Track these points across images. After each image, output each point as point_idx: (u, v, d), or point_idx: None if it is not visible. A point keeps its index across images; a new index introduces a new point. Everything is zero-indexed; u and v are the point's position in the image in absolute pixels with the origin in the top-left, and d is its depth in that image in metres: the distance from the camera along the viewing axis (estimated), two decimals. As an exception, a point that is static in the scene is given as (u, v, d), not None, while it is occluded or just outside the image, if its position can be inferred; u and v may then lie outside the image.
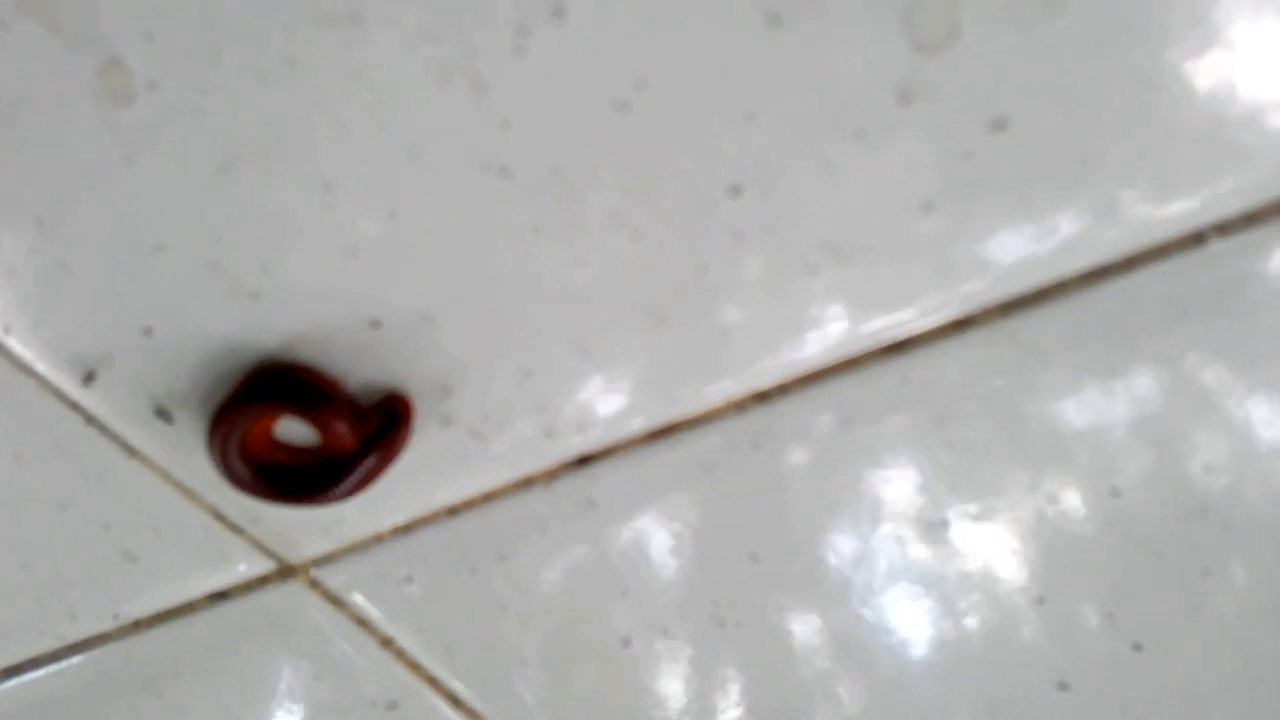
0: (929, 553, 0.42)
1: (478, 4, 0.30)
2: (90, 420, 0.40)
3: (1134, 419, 0.38)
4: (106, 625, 0.48)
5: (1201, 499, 0.40)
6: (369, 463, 0.39)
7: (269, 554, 0.45)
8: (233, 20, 0.30)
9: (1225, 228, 0.34)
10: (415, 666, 0.49)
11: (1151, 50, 0.30)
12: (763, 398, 0.39)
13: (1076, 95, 0.31)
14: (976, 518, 0.40)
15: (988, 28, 0.30)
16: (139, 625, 0.48)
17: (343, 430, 0.37)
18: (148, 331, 0.37)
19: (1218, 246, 0.34)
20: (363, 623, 0.47)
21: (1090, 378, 0.37)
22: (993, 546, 0.41)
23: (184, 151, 0.32)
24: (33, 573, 0.46)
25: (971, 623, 0.44)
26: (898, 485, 0.40)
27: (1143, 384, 0.37)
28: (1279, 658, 0.44)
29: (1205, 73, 0.31)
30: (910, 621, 0.44)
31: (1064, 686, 0.46)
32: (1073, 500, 0.40)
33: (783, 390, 0.39)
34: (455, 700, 0.50)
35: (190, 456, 0.41)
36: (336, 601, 0.47)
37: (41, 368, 0.38)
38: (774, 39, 0.30)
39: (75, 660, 0.50)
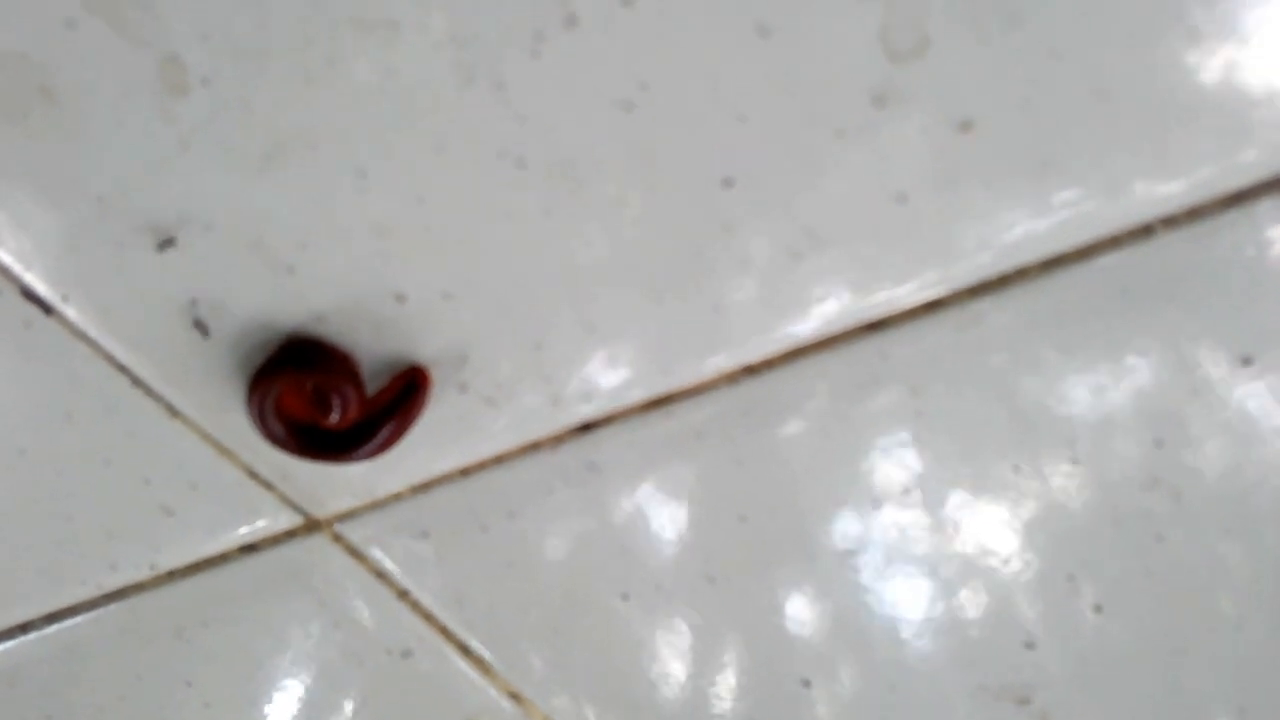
0: (899, 514, 0.46)
1: (500, 12, 0.33)
2: (137, 382, 0.44)
3: (1087, 394, 0.41)
4: (143, 575, 0.52)
5: (1153, 471, 0.44)
6: (391, 425, 0.43)
7: (296, 509, 0.49)
8: (280, 23, 0.34)
9: (1171, 221, 0.37)
10: (429, 617, 0.53)
11: (1102, 61, 0.34)
12: (751, 371, 0.43)
13: (1035, 101, 0.34)
14: (942, 481, 0.44)
15: (955, 39, 0.33)
16: (173, 575, 0.52)
17: (351, 400, 0.41)
18: (194, 303, 0.41)
19: (1164, 238, 0.38)
20: (381, 575, 0.51)
21: (1048, 354, 0.41)
22: (956, 509, 0.45)
23: (233, 140, 0.36)
24: (77, 525, 0.50)
25: (941, 576, 0.47)
26: (872, 452, 0.44)
27: (1096, 362, 0.41)
28: (1227, 617, 0.48)
29: (1150, 83, 0.34)
30: (882, 573, 0.47)
31: (1030, 645, 0.50)
32: (1032, 465, 0.43)
33: (769, 364, 0.42)
34: (465, 649, 0.54)
35: (228, 417, 0.44)
36: (357, 555, 0.50)
37: (94, 333, 0.42)
38: (763, 47, 0.34)
39: (112, 608, 0.54)
